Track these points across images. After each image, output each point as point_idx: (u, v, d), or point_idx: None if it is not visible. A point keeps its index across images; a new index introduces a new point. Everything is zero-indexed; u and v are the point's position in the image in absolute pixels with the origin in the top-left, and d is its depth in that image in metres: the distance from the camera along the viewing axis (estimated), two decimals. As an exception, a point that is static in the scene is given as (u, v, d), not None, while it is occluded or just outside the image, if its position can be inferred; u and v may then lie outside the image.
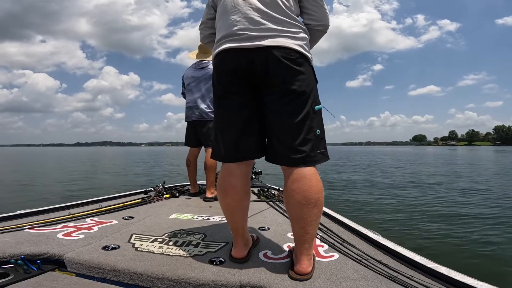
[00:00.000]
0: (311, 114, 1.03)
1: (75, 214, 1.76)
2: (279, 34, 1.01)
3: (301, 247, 1.03)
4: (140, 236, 1.42)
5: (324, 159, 1.07)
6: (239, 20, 1.03)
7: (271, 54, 0.99)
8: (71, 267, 1.12)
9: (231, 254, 1.17)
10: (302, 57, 1.03)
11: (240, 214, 1.15)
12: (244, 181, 1.12)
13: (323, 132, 1.07)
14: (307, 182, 1.00)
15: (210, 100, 2.52)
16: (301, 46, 1.04)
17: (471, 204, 4.98)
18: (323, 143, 1.07)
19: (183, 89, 2.75)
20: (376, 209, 4.64)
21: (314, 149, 1.03)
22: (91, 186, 8.08)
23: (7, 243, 1.24)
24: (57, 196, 6.12)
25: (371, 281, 0.96)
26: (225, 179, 1.11)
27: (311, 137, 1.03)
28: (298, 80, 1.01)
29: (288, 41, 1.01)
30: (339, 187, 7.10)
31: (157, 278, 1.02)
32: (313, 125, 1.03)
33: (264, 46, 0.99)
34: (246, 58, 1.02)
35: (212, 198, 2.43)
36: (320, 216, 1.06)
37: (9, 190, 7.42)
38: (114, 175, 11.59)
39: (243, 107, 1.07)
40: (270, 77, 1.02)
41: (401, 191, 6.53)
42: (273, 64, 1.00)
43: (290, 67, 1.00)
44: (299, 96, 1.01)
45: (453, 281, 0.95)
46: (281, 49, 1.00)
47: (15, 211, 1.75)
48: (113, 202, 2.16)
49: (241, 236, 1.16)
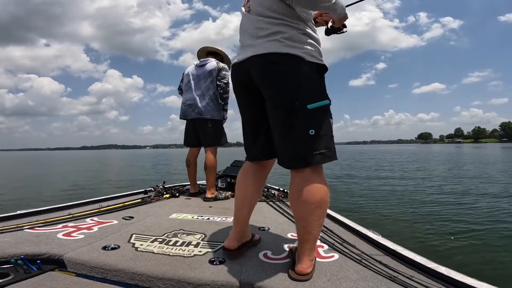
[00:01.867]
0: (302, 114, 0.99)
1: (75, 214, 1.76)
2: (262, 41, 1.03)
3: (302, 247, 1.04)
4: (140, 236, 1.42)
5: (324, 160, 1.01)
6: (242, 36, 1.14)
7: (256, 63, 1.05)
8: (71, 267, 1.12)
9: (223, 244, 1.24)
10: (288, 57, 1.00)
11: (242, 207, 1.22)
12: (255, 179, 1.21)
13: (322, 131, 1.01)
14: (308, 183, 1.00)
15: (209, 98, 2.51)
16: (287, 46, 1.00)
17: (471, 204, 4.97)
18: (323, 143, 1.01)
19: (180, 85, 2.73)
20: (377, 209, 4.64)
21: (309, 151, 0.99)
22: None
23: (7, 243, 1.24)
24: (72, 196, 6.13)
25: (371, 281, 0.96)
26: (240, 173, 1.25)
27: (304, 138, 0.99)
28: (282, 82, 1.00)
29: (270, 45, 1.01)
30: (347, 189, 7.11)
31: (157, 278, 1.02)
32: (305, 126, 0.99)
33: (249, 56, 1.05)
34: (243, 70, 1.10)
35: (212, 198, 2.43)
36: (323, 217, 1.05)
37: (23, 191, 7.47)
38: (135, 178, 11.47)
39: (251, 114, 1.17)
40: (261, 84, 1.06)
41: (401, 190, 6.53)
42: (258, 72, 1.05)
43: (272, 72, 1.02)
44: (285, 98, 1.01)
45: (453, 281, 0.95)
46: (262, 56, 1.03)
47: (15, 211, 1.75)
48: (113, 202, 2.16)
49: (238, 229, 1.22)
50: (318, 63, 1.04)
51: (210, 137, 2.52)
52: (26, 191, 7.56)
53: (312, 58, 1.02)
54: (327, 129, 1.03)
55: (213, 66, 2.53)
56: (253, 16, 1.07)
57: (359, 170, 12.19)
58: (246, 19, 1.11)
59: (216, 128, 2.53)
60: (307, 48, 1.02)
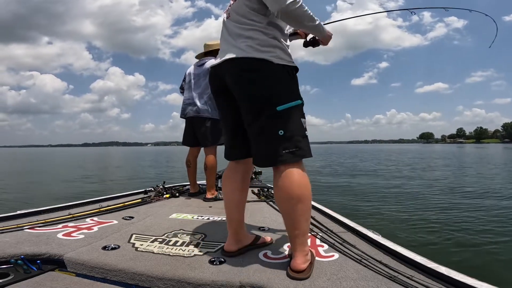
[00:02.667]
0: (271, 117, 1.04)
1: (75, 214, 1.76)
2: (232, 46, 1.08)
3: (293, 242, 1.07)
4: (140, 236, 1.42)
5: (294, 159, 1.04)
6: (220, 41, 1.19)
7: (226, 69, 1.10)
8: (71, 267, 1.12)
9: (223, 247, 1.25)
10: (256, 62, 1.04)
11: (233, 206, 1.24)
12: (240, 176, 1.24)
13: (291, 131, 1.04)
14: (287, 179, 1.03)
15: (207, 97, 2.52)
16: (256, 50, 1.04)
17: (471, 204, 4.97)
18: (293, 143, 1.04)
19: (182, 84, 2.76)
20: (376, 209, 4.64)
21: (279, 150, 1.03)
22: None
23: (7, 243, 1.24)
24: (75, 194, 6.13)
25: (371, 281, 0.96)
26: (225, 172, 1.29)
27: (273, 138, 1.04)
28: (252, 86, 1.06)
29: (239, 51, 1.06)
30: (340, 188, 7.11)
31: (157, 278, 1.02)
32: (274, 127, 1.04)
33: (223, 60, 1.10)
34: (219, 75, 1.15)
35: (212, 199, 2.43)
36: (309, 212, 1.08)
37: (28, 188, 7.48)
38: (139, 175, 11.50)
39: (229, 117, 1.21)
40: (233, 89, 1.11)
41: (401, 190, 6.53)
42: (231, 77, 1.10)
43: (243, 76, 1.07)
44: (254, 101, 1.06)
45: (453, 281, 0.95)
46: (232, 62, 1.07)
47: (15, 211, 1.75)
48: (113, 202, 2.16)
49: (232, 230, 1.23)
50: (288, 65, 1.08)
51: (207, 136, 2.53)
52: (20, 189, 7.56)
53: (280, 60, 1.07)
54: (297, 129, 1.06)
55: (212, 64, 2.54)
56: (231, 22, 1.13)
57: (359, 170, 12.20)
58: (225, 25, 1.17)
59: (214, 127, 2.54)
60: (275, 51, 1.06)
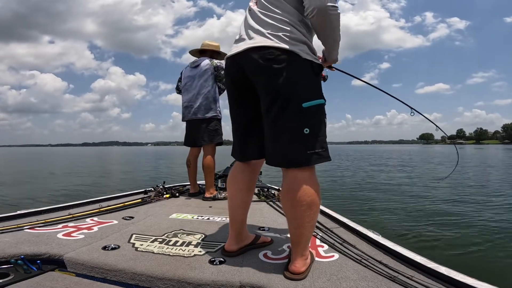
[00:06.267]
0: (297, 113, 0.97)
1: (75, 214, 1.76)
2: (260, 35, 1.02)
3: (295, 247, 1.04)
4: (140, 236, 1.42)
5: (319, 161, 0.99)
6: (242, 30, 1.11)
7: (250, 57, 1.02)
8: (71, 267, 1.12)
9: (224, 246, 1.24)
10: (285, 53, 0.98)
11: (237, 206, 1.22)
12: (247, 177, 1.21)
13: (317, 130, 0.99)
14: (299, 183, 0.98)
15: (204, 97, 2.52)
16: (285, 41, 0.98)
17: (471, 204, 4.97)
18: (319, 143, 0.99)
19: (178, 84, 2.77)
20: (377, 209, 4.64)
21: (303, 150, 0.97)
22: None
23: (7, 243, 1.24)
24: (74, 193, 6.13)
25: (371, 281, 0.96)
26: (232, 172, 1.25)
27: (298, 137, 0.97)
28: (278, 78, 0.98)
29: (267, 40, 0.99)
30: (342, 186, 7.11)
31: (157, 278, 1.02)
32: (299, 124, 0.97)
33: (244, 49, 1.03)
34: (237, 65, 1.07)
35: (211, 198, 2.43)
36: (315, 218, 1.04)
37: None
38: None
39: (242, 114, 1.15)
40: (255, 80, 1.04)
41: (401, 190, 6.53)
42: (253, 67, 1.02)
43: (269, 67, 0.98)
44: (280, 95, 0.98)
45: (453, 281, 0.95)
46: (258, 50, 1.00)
47: (15, 211, 1.75)
48: (113, 202, 2.16)
49: (234, 230, 1.22)
50: (314, 62, 1.03)
51: (203, 135, 2.53)
52: (19, 188, 7.56)
53: (308, 55, 1.02)
54: (322, 129, 1.02)
55: (207, 65, 2.55)
56: (260, 11, 1.06)
57: (360, 170, 12.19)
58: (252, 13, 1.09)
59: (210, 127, 2.54)
60: (304, 46, 1.01)
